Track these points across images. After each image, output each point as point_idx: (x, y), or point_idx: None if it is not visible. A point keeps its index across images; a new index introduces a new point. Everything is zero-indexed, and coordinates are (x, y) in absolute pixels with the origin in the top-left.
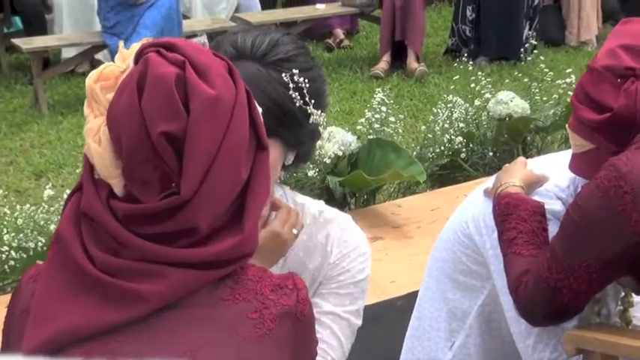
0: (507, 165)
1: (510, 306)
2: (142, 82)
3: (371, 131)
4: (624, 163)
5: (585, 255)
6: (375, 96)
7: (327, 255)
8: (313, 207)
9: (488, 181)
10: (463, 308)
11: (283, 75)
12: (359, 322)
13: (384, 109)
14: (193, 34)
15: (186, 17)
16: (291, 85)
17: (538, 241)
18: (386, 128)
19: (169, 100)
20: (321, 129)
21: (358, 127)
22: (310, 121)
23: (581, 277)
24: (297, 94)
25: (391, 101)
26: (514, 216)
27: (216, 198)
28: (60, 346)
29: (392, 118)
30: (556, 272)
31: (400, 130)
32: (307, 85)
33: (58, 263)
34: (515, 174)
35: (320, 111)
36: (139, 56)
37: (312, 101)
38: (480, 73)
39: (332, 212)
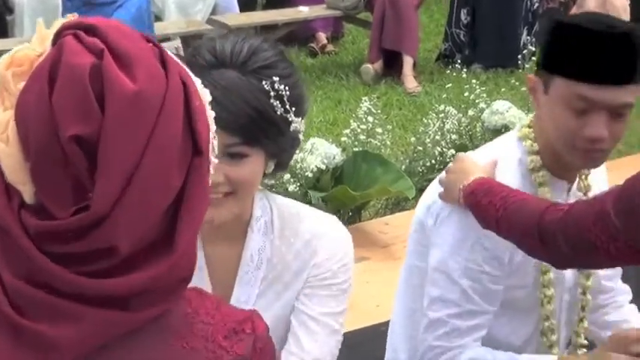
0: (453, 166)
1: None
2: (54, 73)
3: (356, 143)
4: None
5: (637, 235)
6: (361, 105)
7: (312, 255)
8: (296, 208)
9: (428, 192)
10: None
11: (264, 83)
12: (342, 326)
13: (370, 119)
14: (166, 38)
15: (158, 19)
16: (272, 94)
17: (534, 196)
18: (373, 140)
19: (82, 96)
20: (300, 136)
21: (343, 139)
22: (291, 129)
23: (622, 251)
24: (277, 102)
25: (379, 111)
26: (496, 186)
27: (140, 213)
28: None
29: (379, 129)
30: (600, 231)
31: (388, 142)
32: (287, 93)
33: None
34: (473, 171)
35: (300, 118)
36: (57, 38)
37: (293, 109)
38: (474, 81)
39: (316, 212)
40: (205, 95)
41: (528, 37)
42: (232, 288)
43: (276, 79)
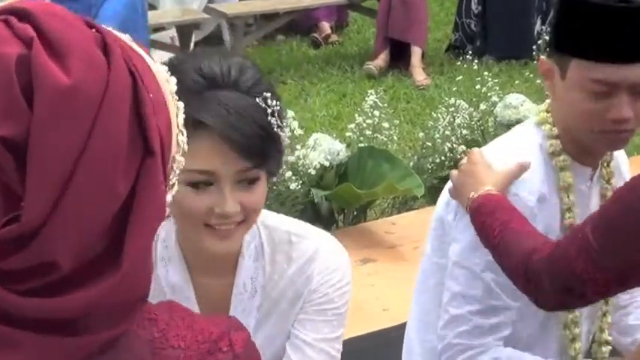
0: (465, 165)
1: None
2: None
3: (362, 138)
4: None
5: (623, 256)
6: (366, 98)
7: (307, 281)
8: (289, 228)
9: (448, 186)
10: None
11: (258, 101)
12: (338, 352)
13: (377, 113)
14: (161, 27)
15: (152, 7)
16: (268, 111)
17: (533, 227)
18: (379, 135)
19: (7, 92)
20: (284, 148)
21: (347, 134)
22: (283, 144)
23: (611, 280)
24: (274, 118)
25: (385, 104)
26: (500, 208)
27: (80, 223)
28: None
29: (386, 124)
30: (584, 263)
31: (395, 138)
32: (278, 108)
33: None
34: (483, 179)
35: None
36: None
37: (283, 123)
38: (486, 73)
39: (308, 230)
40: (170, 84)
41: (542, 27)
42: None
43: (267, 94)
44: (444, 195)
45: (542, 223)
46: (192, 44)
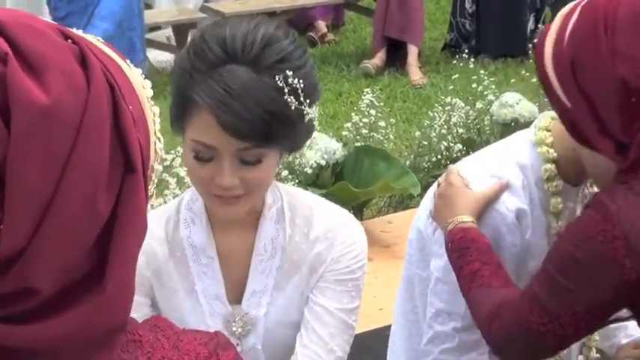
0: (443, 188)
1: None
2: None
3: (358, 137)
4: (612, 201)
5: (571, 302)
6: (363, 97)
7: (329, 248)
8: (310, 197)
9: (428, 197)
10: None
11: (277, 79)
12: (355, 322)
13: (373, 112)
14: (157, 26)
15: (148, 7)
16: (286, 90)
17: (504, 274)
18: (375, 134)
19: None
20: (315, 123)
21: (344, 133)
22: (305, 120)
23: (568, 324)
24: (292, 97)
25: (381, 103)
26: (473, 249)
27: (62, 247)
28: None
29: (382, 123)
30: (538, 316)
31: (392, 137)
32: (302, 85)
33: None
34: (460, 205)
35: (315, 107)
36: None
37: (307, 100)
38: (482, 71)
39: (328, 204)
40: (146, 90)
41: (537, 25)
42: (246, 278)
43: (289, 73)
44: (424, 206)
45: (522, 238)
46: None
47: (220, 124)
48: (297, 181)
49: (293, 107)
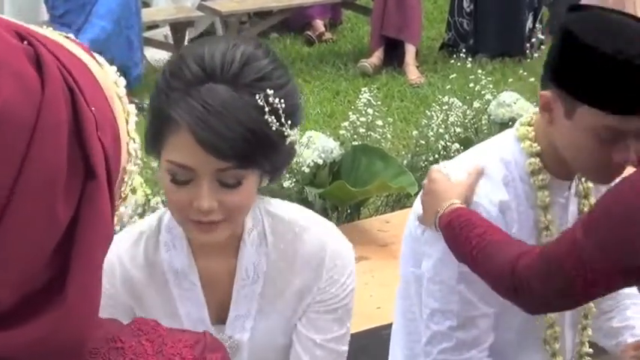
0: (427, 186)
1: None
2: None
3: (355, 136)
4: None
5: (612, 253)
6: (360, 96)
7: (316, 278)
8: (292, 218)
9: (416, 208)
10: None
11: (257, 98)
12: (346, 346)
13: (370, 111)
14: (154, 25)
15: (146, 5)
16: (266, 109)
17: (510, 236)
18: (373, 133)
19: None
20: (296, 147)
21: (341, 132)
22: (287, 143)
23: (600, 272)
24: (272, 117)
25: (379, 102)
26: (474, 219)
27: (19, 255)
28: None
29: (380, 122)
30: (574, 259)
31: (389, 136)
32: (282, 105)
33: None
34: (446, 194)
35: (296, 129)
36: None
37: (288, 122)
38: (479, 71)
39: (312, 221)
40: (119, 87)
41: (535, 24)
42: (229, 302)
43: (270, 92)
44: (415, 206)
45: (509, 232)
46: (185, 42)
47: (199, 142)
48: (294, 180)
49: (274, 128)
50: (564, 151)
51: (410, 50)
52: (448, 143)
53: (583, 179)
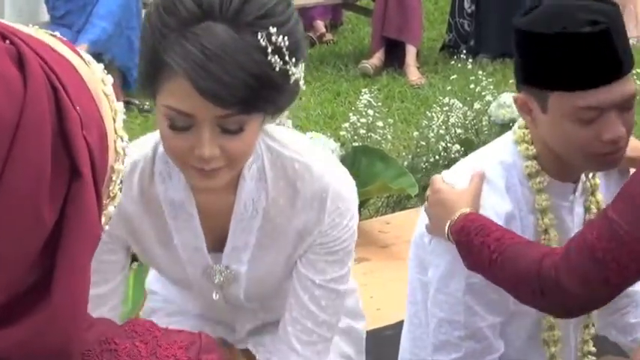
0: (431, 198)
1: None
2: None
3: (356, 137)
4: None
5: None
6: (361, 97)
7: (317, 220)
8: (292, 154)
9: (423, 217)
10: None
11: (260, 37)
12: (345, 285)
13: (371, 112)
14: None
15: (146, 6)
16: (269, 49)
17: (525, 238)
18: (373, 134)
19: None
20: (301, 83)
21: (342, 133)
22: (291, 81)
23: (635, 252)
24: (276, 56)
25: (379, 103)
26: (488, 224)
27: (4, 256)
28: None
29: (380, 123)
30: (607, 241)
31: (389, 137)
32: (286, 43)
33: None
34: (454, 204)
35: (300, 65)
36: None
37: (292, 59)
38: (480, 72)
39: (313, 158)
40: (106, 85)
41: None
42: (226, 235)
43: (273, 30)
44: (422, 215)
45: None
46: None
47: (198, 91)
48: None
49: (277, 68)
50: (556, 147)
51: (410, 51)
52: (449, 144)
53: (590, 175)
